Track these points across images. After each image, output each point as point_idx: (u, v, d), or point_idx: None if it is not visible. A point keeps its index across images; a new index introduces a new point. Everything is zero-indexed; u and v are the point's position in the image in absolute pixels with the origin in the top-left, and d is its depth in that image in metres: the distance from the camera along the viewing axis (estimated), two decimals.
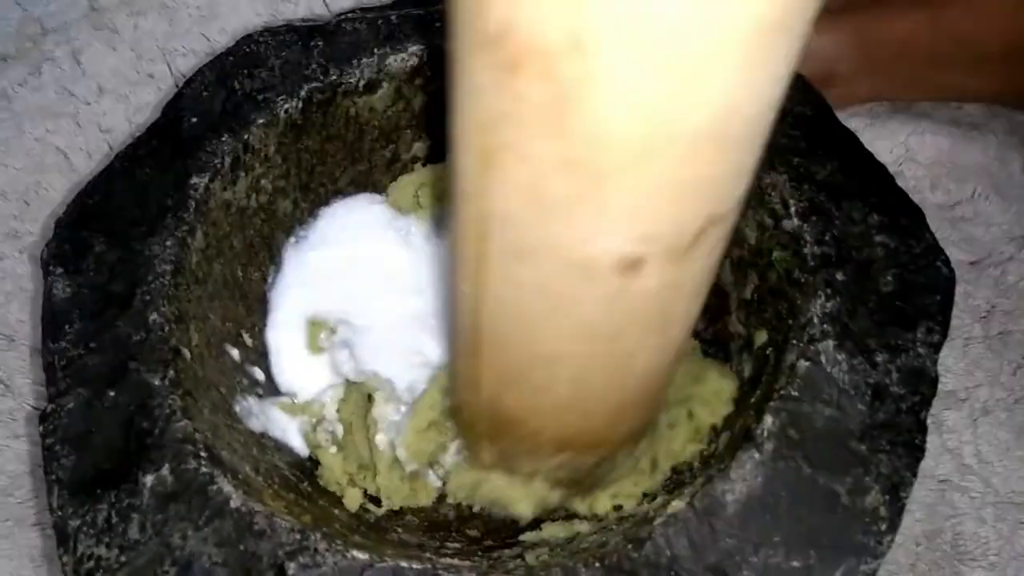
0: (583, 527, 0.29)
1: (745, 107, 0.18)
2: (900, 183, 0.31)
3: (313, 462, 0.32)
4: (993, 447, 0.38)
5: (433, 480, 0.32)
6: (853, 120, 0.46)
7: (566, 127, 0.17)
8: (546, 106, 0.17)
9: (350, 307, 0.34)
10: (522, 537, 0.30)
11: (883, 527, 0.24)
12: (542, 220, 0.20)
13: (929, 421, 0.38)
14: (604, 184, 0.18)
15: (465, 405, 0.29)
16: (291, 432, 0.32)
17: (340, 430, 0.32)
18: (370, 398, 0.32)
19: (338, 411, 0.33)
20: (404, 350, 0.33)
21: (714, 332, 0.34)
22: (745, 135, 0.19)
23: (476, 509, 0.31)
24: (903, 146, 0.46)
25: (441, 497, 0.32)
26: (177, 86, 0.48)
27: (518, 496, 0.30)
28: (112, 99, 0.49)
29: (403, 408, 0.32)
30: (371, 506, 0.31)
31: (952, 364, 0.40)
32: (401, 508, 0.32)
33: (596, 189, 0.18)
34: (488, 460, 0.30)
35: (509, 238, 0.21)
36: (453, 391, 0.31)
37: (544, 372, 0.25)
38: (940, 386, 0.39)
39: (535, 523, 0.31)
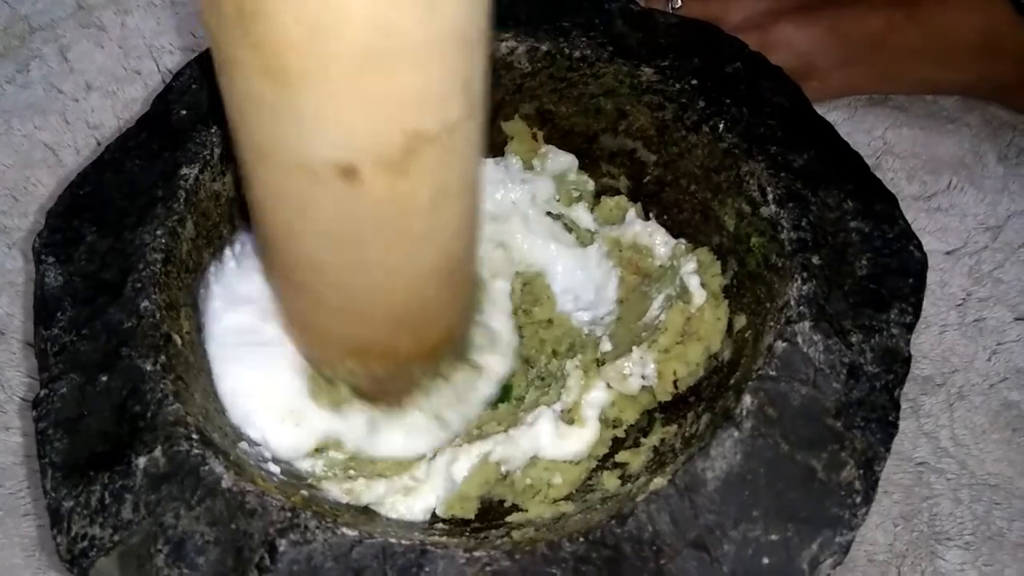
0: (568, 508, 0.30)
1: (411, 31, 0.20)
2: (878, 175, 0.32)
3: None
4: (969, 430, 0.39)
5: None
6: (832, 114, 0.47)
7: (254, 37, 0.20)
8: (236, 18, 0.20)
9: None
10: (508, 518, 0.30)
11: (858, 500, 0.25)
12: (261, 122, 0.22)
13: (906, 405, 0.39)
14: (296, 91, 0.21)
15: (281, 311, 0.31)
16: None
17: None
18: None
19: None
20: None
21: None
22: (426, 59, 0.21)
23: None
24: (881, 139, 0.47)
25: None
26: (164, 83, 0.48)
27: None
28: (100, 95, 0.49)
29: None
30: None
31: (929, 350, 0.41)
32: None
33: (291, 95, 0.21)
34: (305, 356, 0.31)
35: (249, 140, 0.23)
36: None
37: (309, 276, 0.27)
38: (917, 371, 0.41)
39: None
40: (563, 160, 0.38)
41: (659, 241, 0.36)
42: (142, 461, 0.25)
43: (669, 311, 0.33)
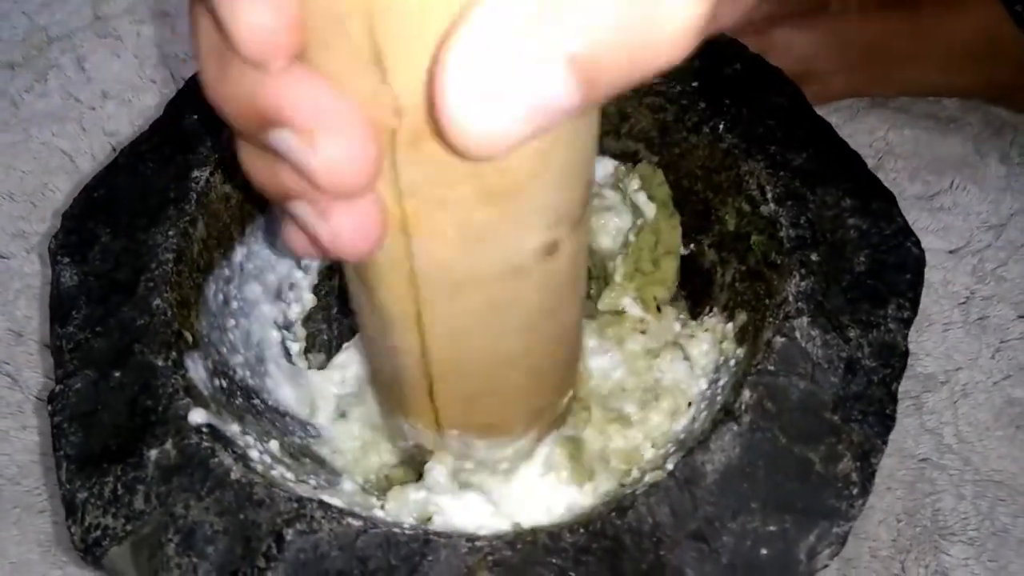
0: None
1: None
2: (880, 175, 0.32)
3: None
4: (972, 427, 0.40)
5: None
6: (833, 116, 0.47)
7: (480, 166, 0.18)
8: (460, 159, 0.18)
9: None
10: None
11: (855, 491, 0.26)
12: (474, 246, 0.21)
13: (909, 402, 0.39)
14: (520, 196, 0.20)
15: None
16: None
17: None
18: None
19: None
20: None
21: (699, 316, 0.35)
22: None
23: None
24: (883, 140, 0.48)
25: None
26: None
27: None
28: (116, 104, 0.51)
29: None
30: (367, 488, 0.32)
31: (932, 348, 0.42)
32: None
33: (515, 203, 0.20)
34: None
35: (445, 277, 0.22)
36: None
37: (505, 373, 0.26)
38: (920, 369, 0.41)
39: None
40: None
41: (599, 169, 0.35)
42: (153, 454, 0.26)
43: (637, 235, 0.33)
